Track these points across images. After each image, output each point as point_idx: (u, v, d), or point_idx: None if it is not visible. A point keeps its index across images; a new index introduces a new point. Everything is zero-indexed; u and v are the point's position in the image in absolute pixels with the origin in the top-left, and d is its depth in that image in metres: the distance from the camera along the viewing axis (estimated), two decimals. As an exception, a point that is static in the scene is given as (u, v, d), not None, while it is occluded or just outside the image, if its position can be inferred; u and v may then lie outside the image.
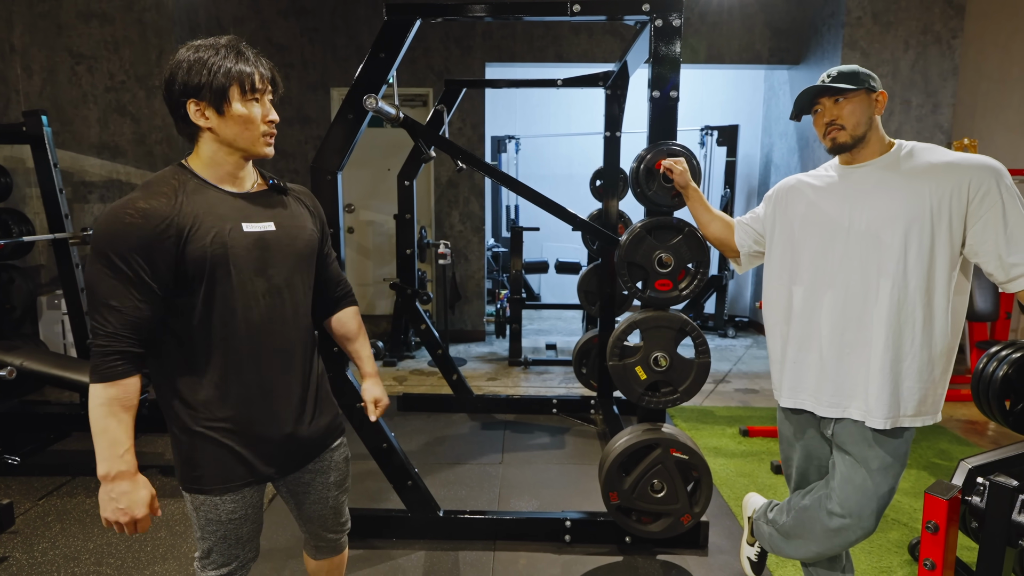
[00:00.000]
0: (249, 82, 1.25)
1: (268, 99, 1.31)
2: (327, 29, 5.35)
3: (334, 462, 1.54)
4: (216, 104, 1.23)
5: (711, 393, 4.42)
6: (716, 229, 2.03)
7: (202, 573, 1.40)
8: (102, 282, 1.18)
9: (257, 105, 1.28)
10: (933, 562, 1.48)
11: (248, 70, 1.25)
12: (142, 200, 1.20)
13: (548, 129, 7.17)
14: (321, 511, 1.55)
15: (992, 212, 1.48)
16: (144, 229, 1.18)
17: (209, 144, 1.28)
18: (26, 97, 4.59)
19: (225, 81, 1.22)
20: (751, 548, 2.24)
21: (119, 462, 1.20)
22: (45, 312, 4.53)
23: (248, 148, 1.29)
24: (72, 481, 2.97)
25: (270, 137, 1.31)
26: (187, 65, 1.22)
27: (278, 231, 1.34)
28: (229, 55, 1.24)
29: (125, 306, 1.19)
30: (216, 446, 1.31)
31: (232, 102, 1.24)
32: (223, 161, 1.29)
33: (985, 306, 3.74)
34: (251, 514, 1.39)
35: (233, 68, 1.23)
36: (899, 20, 4.84)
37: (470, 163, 2.69)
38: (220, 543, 1.37)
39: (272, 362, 1.35)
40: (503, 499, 2.87)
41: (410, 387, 4.49)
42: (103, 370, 1.18)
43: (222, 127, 1.25)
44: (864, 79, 1.58)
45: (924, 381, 1.57)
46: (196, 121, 1.25)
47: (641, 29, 2.53)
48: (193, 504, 1.36)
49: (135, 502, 1.22)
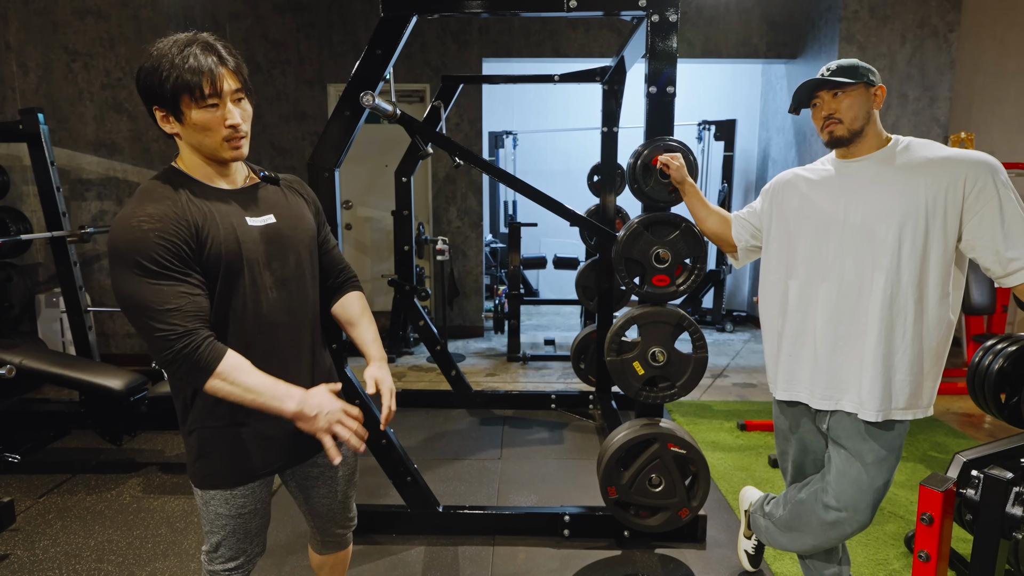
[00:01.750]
0: (198, 89, 1.17)
1: (232, 100, 1.23)
2: (323, 25, 5.34)
3: (343, 455, 1.54)
4: (174, 112, 1.20)
5: (709, 388, 4.44)
6: (713, 224, 2.03)
7: (210, 567, 1.41)
8: (145, 291, 1.14)
9: (213, 110, 1.20)
10: (928, 554, 1.50)
11: (195, 78, 1.16)
12: (149, 206, 1.17)
13: (545, 125, 7.16)
14: (329, 505, 1.56)
15: (988, 207, 1.49)
16: (164, 232, 1.16)
17: (184, 148, 1.27)
18: (22, 95, 4.58)
19: (175, 90, 1.17)
20: (748, 541, 2.26)
21: (291, 396, 1.22)
22: (43, 310, 4.53)
23: (212, 154, 1.25)
24: (72, 479, 2.98)
25: (237, 140, 1.24)
26: (145, 71, 1.18)
27: (279, 223, 1.33)
28: (180, 57, 1.16)
29: (181, 303, 1.16)
30: (229, 441, 1.32)
31: (187, 110, 1.19)
32: (203, 162, 1.27)
33: (982, 300, 3.75)
34: (259, 509, 1.41)
35: (182, 74, 1.16)
36: (896, 14, 4.84)
37: (467, 159, 2.70)
38: (229, 537, 1.39)
39: (282, 354, 1.35)
40: (502, 494, 2.88)
41: (409, 383, 4.49)
42: (204, 362, 1.16)
43: (186, 133, 1.22)
44: (863, 73, 1.58)
45: (915, 374, 1.58)
46: (163, 127, 1.23)
47: (638, 24, 2.53)
48: (204, 500, 1.37)
49: (328, 408, 1.25)
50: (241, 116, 1.24)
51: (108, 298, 4.78)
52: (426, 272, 5.53)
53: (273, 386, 1.22)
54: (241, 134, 1.25)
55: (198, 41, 1.20)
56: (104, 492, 2.85)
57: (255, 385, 1.20)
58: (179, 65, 1.16)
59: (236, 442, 1.33)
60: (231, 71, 1.22)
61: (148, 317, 1.14)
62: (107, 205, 4.70)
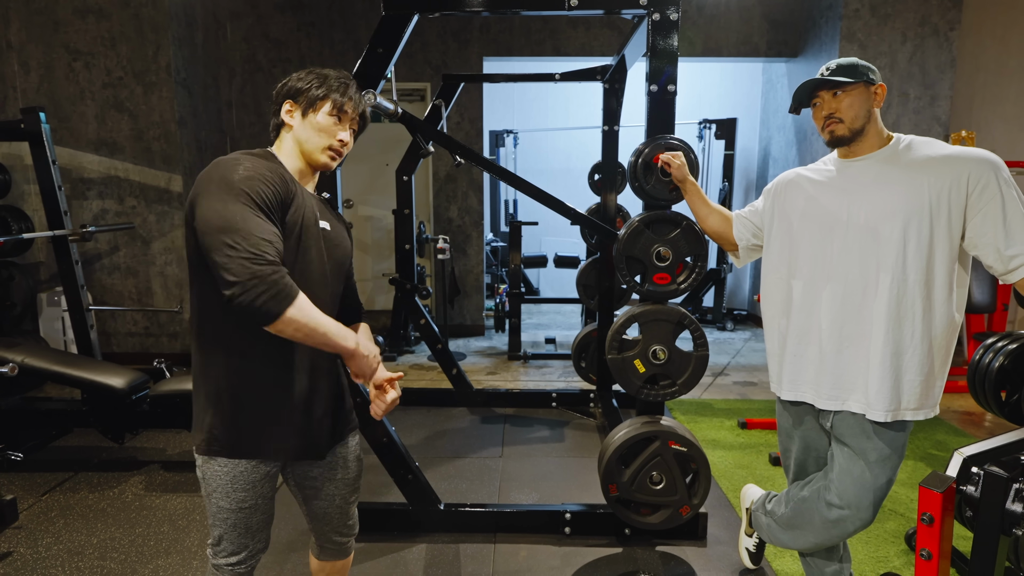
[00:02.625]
0: (339, 105, 1.41)
1: (350, 128, 1.45)
2: (324, 24, 5.34)
3: (345, 459, 1.56)
4: (305, 108, 1.40)
5: (709, 386, 4.44)
6: (714, 223, 2.03)
7: (214, 560, 1.44)
8: (249, 217, 1.21)
9: (336, 125, 1.42)
10: (930, 552, 1.50)
11: (343, 98, 1.42)
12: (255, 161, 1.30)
13: (546, 123, 7.16)
14: (327, 509, 1.57)
15: (991, 205, 1.49)
16: (270, 181, 1.28)
17: (287, 140, 1.43)
18: (23, 94, 4.58)
19: (323, 95, 1.40)
20: (749, 539, 2.26)
21: (351, 336, 1.34)
22: (45, 309, 4.53)
23: (311, 154, 1.42)
24: (75, 477, 2.98)
25: (335, 153, 1.43)
26: (304, 76, 1.42)
27: (332, 231, 1.47)
28: (340, 84, 1.42)
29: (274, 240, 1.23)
30: (247, 411, 1.36)
31: (318, 112, 1.40)
32: (296, 158, 1.42)
33: (982, 298, 3.75)
34: (261, 504, 1.42)
35: (334, 90, 1.41)
36: (897, 12, 4.84)
37: (468, 158, 2.70)
38: (231, 531, 1.41)
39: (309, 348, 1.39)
40: (503, 492, 2.89)
41: (410, 382, 4.50)
42: (290, 289, 1.21)
43: (300, 128, 1.41)
44: (863, 72, 1.58)
45: (924, 374, 1.58)
46: (284, 117, 1.42)
47: (639, 23, 2.53)
48: (207, 490, 1.39)
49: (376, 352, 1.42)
50: (349, 138, 1.46)
51: (109, 297, 4.79)
52: (427, 271, 5.54)
53: (336, 324, 1.31)
54: (341, 152, 1.45)
55: (354, 83, 1.46)
56: (106, 490, 2.86)
57: (324, 320, 1.28)
58: (335, 87, 1.42)
59: (253, 415, 1.36)
60: (360, 113, 1.47)
61: (243, 238, 1.18)
62: (108, 204, 4.71)
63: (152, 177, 4.71)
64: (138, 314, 4.85)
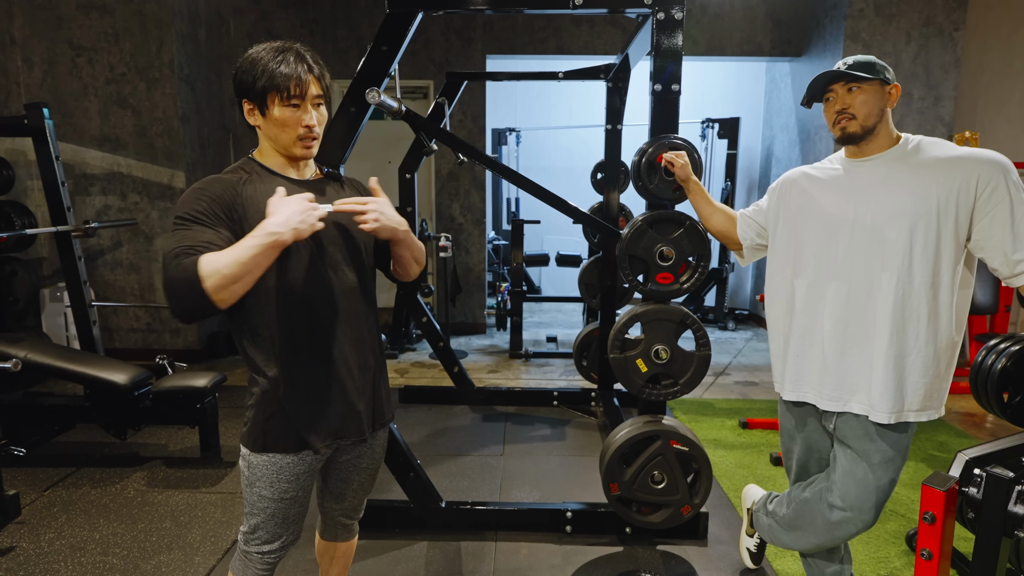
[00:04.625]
0: (285, 90, 1.30)
1: (312, 104, 1.34)
2: (327, 21, 5.34)
3: (373, 449, 1.58)
4: (259, 107, 1.33)
5: (711, 385, 4.44)
6: (718, 222, 2.03)
7: (245, 547, 1.46)
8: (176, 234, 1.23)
9: (295, 110, 1.32)
10: (930, 552, 1.50)
11: (285, 80, 1.29)
12: (214, 177, 1.32)
13: (549, 121, 7.16)
14: (344, 491, 1.60)
15: (1000, 208, 1.48)
16: (210, 192, 1.28)
17: (263, 139, 1.39)
18: (27, 89, 4.59)
19: (265, 87, 1.30)
20: (750, 539, 2.26)
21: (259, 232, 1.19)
22: (48, 304, 4.54)
23: (286, 149, 1.36)
24: (77, 472, 2.99)
25: (309, 140, 1.36)
26: (242, 69, 1.32)
27: (335, 214, 1.39)
28: (276, 59, 1.30)
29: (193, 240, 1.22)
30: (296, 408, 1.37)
31: (272, 106, 1.31)
32: (275, 155, 1.39)
33: (985, 299, 3.75)
34: (300, 497, 1.45)
35: (275, 72, 1.29)
36: (901, 12, 4.83)
37: (471, 156, 2.70)
38: (268, 520, 1.43)
39: (331, 332, 1.39)
40: (504, 490, 2.89)
41: (412, 379, 4.50)
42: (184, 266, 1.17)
43: (266, 127, 1.35)
44: (880, 70, 1.57)
45: (929, 376, 1.57)
46: (248, 119, 1.36)
47: (643, 22, 2.53)
48: (249, 480, 1.40)
49: (292, 211, 1.22)
50: (316, 119, 1.36)
51: (112, 293, 4.80)
52: (429, 269, 5.54)
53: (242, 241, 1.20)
54: (314, 135, 1.36)
55: (292, 49, 1.33)
56: (109, 486, 2.87)
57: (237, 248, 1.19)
58: (272, 68, 1.29)
59: (301, 410, 1.38)
60: (316, 78, 1.35)
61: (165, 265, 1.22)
62: (111, 200, 4.72)
63: (155, 173, 4.71)
64: (140, 310, 4.85)
